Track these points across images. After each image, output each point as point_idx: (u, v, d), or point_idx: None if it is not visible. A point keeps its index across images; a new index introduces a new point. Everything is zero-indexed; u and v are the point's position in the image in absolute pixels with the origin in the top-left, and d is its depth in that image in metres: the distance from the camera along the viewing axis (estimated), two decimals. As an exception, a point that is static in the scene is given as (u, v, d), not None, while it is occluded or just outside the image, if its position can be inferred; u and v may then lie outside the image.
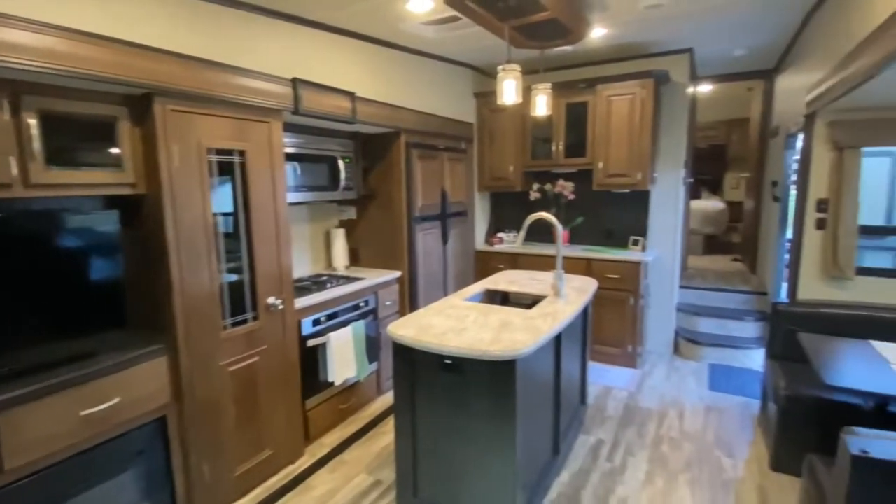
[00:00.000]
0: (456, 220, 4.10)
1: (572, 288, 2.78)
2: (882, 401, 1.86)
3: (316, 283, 3.06)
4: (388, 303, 3.42)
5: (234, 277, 2.32)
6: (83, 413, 1.74)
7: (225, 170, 2.25)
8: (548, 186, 4.39)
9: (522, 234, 2.65)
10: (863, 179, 2.67)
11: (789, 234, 3.83)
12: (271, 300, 2.44)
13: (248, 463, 2.40)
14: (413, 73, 3.59)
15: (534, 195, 4.42)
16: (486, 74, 4.55)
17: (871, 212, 2.83)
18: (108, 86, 1.80)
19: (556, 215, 4.48)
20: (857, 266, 2.74)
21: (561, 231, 2.58)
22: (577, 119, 4.11)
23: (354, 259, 3.74)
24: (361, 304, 3.16)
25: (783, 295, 3.87)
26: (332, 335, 2.84)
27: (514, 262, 4.35)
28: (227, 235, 2.28)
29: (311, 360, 2.81)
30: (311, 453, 2.77)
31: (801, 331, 2.72)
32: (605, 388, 3.61)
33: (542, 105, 2.77)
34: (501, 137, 4.40)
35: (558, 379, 2.41)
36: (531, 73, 4.39)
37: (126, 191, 1.95)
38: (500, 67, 2.36)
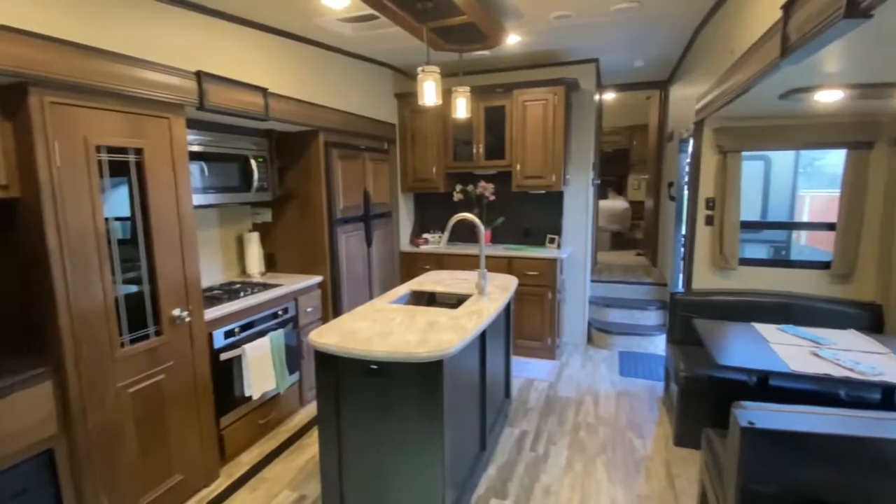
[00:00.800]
0: (380, 222, 4.04)
1: (495, 286, 2.85)
2: (764, 376, 2.12)
3: (228, 292, 2.87)
4: (309, 309, 3.29)
5: (132, 289, 2.10)
6: (-59, 456, 1.48)
7: (119, 170, 2.02)
8: (470, 187, 4.47)
9: (447, 234, 2.67)
10: (743, 180, 3.02)
11: (684, 230, 4.24)
12: (177, 312, 2.24)
13: (155, 491, 2.18)
14: (332, 72, 3.49)
15: (457, 196, 4.49)
16: (406, 75, 4.54)
17: (749, 209, 3.20)
18: (-34, 71, 1.54)
19: (479, 216, 4.59)
20: (740, 257, 3.10)
21: (484, 231, 2.64)
22: (495, 122, 4.24)
23: (271, 265, 3.56)
24: (280, 312, 3.00)
25: (680, 285, 4.27)
26: (248, 346, 2.67)
27: (440, 262, 4.38)
28: (123, 242, 2.06)
29: (226, 375, 2.62)
30: (228, 473, 2.59)
31: (696, 317, 3.02)
32: (527, 381, 3.75)
33: (462, 108, 2.82)
34: (424, 139, 4.42)
35: (484, 376, 2.47)
36: (451, 76, 4.45)
37: (-7, 194, 1.69)
38: (419, 69, 2.36)
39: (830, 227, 2.95)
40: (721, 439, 1.90)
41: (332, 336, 1.94)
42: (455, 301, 2.76)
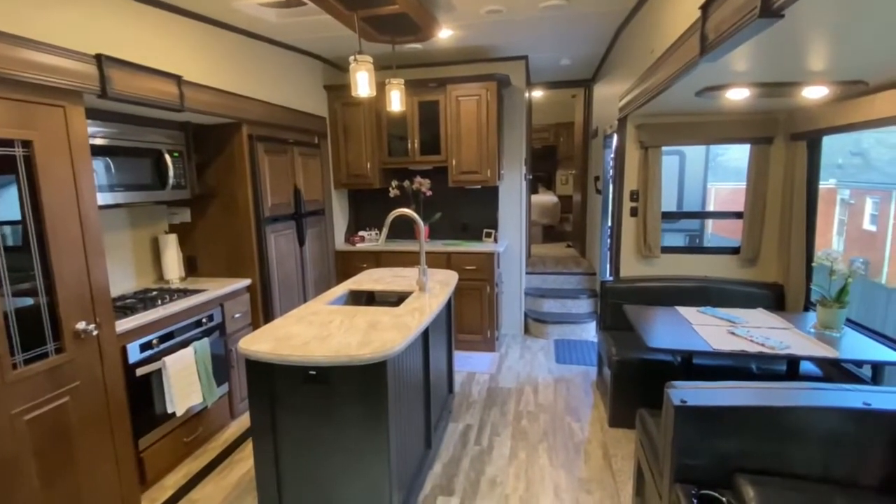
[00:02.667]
0: (313, 220, 3.87)
1: (436, 282, 2.82)
2: (688, 356, 2.27)
3: (144, 300, 2.60)
4: (237, 315, 3.08)
5: (27, 301, 1.84)
6: None
7: (5, 166, 1.75)
8: (406, 183, 4.41)
9: (385, 231, 2.60)
10: (663, 174, 3.22)
11: (610, 222, 4.46)
12: (82, 325, 1.99)
13: (61, 530, 1.93)
14: (257, 61, 3.27)
15: (393, 192, 4.41)
16: (337, 67, 4.38)
17: (668, 201, 3.42)
18: None
19: (416, 212, 4.54)
20: (662, 246, 3.30)
21: (422, 227, 2.60)
22: (430, 117, 4.20)
23: (192, 269, 3.29)
24: (204, 320, 2.78)
25: (608, 274, 4.50)
26: (169, 359, 2.44)
27: (377, 260, 4.28)
28: (13, 250, 1.79)
29: (144, 391, 2.38)
30: (151, 499, 2.36)
31: (625, 304, 3.18)
32: (469, 374, 3.77)
33: (396, 100, 2.75)
34: (356, 133, 4.28)
35: (428, 374, 2.43)
36: (384, 69, 4.36)
37: None
38: (351, 57, 2.26)
39: (739, 215, 3.22)
40: (654, 419, 2.00)
41: (265, 343, 1.81)
42: (396, 299, 2.69)
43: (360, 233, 4.64)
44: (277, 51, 3.52)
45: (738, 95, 2.26)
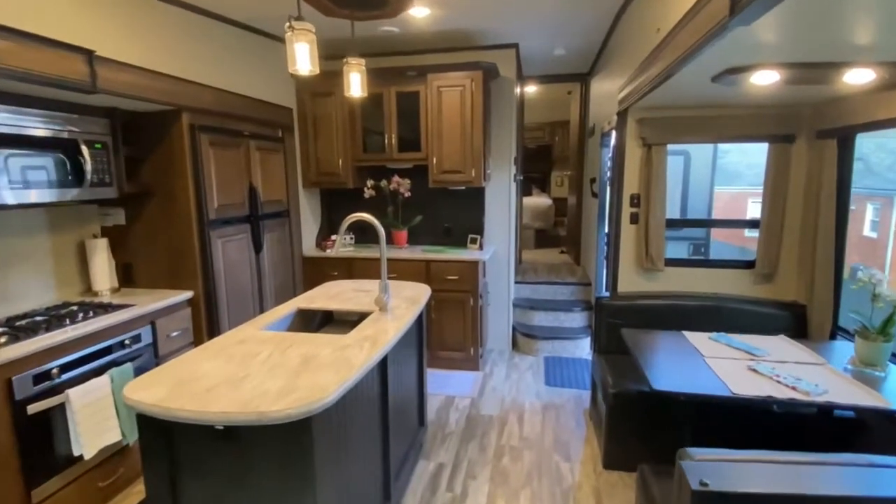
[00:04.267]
0: (273, 223, 3.44)
1: (403, 298, 2.41)
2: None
3: (51, 319, 2.17)
4: (174, 333, 2.65)
5: None
6: None
7: None
8: (383, 183, 3.99)
9: (340, 238, 2.19)
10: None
11: (607, 228, 4.05)
12: (-64, 358, 1.56)
13: None
14: (204, 41, 2.84)
15: (368, 193, 3.99)
16: (304, 53, 3.95)
17: (671, 207, 3.02)
18: None
19: (394, 214, 4.14)
20: (665, 258, 2.89)
21: (384, 234, 2.18)
22: (409, 110, 3.79)
23: (128, 278, 2.86)
24: (128, 342, 2.35)
25: (605, 288, 4.09)
26: (74, 392, 2.02)
27: (349, 268, 3.86)
28: None
29: (41, 432, 1.96)
30: (44, 565, 1.93)
31: (622, 323, 2.78)
32: (447, 399, 3.35)
33: (356, 84, 2.33)
34: (328, 127, 3.86)
35: (386, 411, 2.02)
36: (362, 56, 3.94)
37: None
38: (286, 24, 1.84)
39: (754, 224, 2.82)
40: (659, 482, 1.59)
41: (159, 388, 1.39)
42: (357, 318, 2.28)
43: (334, 237, 4.22)
44: (232, 30, 3.10)
45: (765, 80, 1.85)
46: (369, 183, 3.98)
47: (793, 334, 2.53)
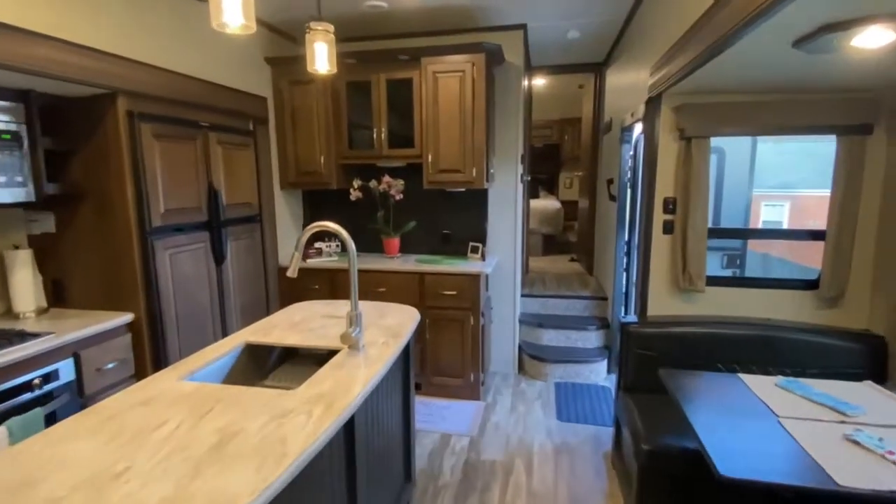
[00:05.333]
0: (240, 230, 2.96)
1: (382, 330, 1.91)
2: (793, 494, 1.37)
3: (-73, 356, 1.69)
4: (108, 366, 2.17)
5: None
6: None
7: None
8: (372, 184, 3.50)
9: (295, 260, 1.69)
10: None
11: (627, 236, 3.55)
12: None
13: None
14: (150, 10, 2.36)
15: (354, 194, 3.50)
16: (284, 35, 3.47)
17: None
18: None
19: (385, 219, 3.65)
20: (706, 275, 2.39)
21: (353, 250, 1.69)
22: (401, 100, 3.31)
23: (59, 296, 2.38)
24: (38, 381, 1.87)
25: (631, 308, 3.59)
26: (-57, 456, 1.53)
27: (332, 281, 3.37)
28: None
29: None
30: None
31: (655, 356, 2.28)
32: (442, 438, 2.85)
33: (322, 56, 1.84)
34: (308, 119, 3.38)
35: (354, 484, 1.52)
36: (349, 40, 3.47)
37: None
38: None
39: (817, 235, 2.31)
40: None
41: (-23, 497, 0.90)
42: (326, 353, 1.79)
43: (317, 244, 3.73)
44: (196, 5, 2.61)
45: (873, 41, 1.35)
46: (356, 183, 3.49)
47: (867, 373, 2.03)
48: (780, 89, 2.14)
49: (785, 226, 6.59)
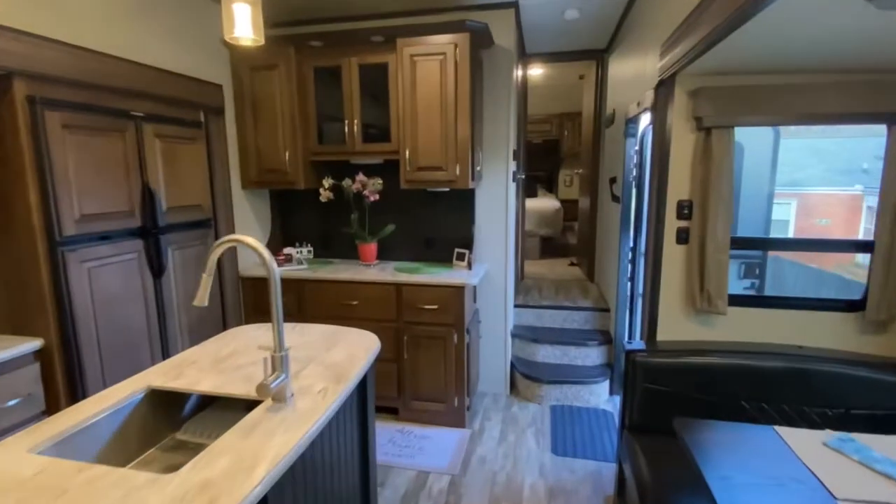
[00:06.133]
0: (188, 236, 2.58)
1: (325, 368, 1.53)
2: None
3: None
4: (10, 403, 1.79)
5: None
6: None
7: None
8: (345, 182, 3.12)
9: (204, 284, 1.30)
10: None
11: (632, 241, 3.16)
12: None
13: None
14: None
15: (324, 195, 3.11)
16: (244, 16, 3.08)
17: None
18: None
19: (360, 222, 3.28)
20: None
21: (276, 270, 1.30)
22: (376, 88, 2.93)
23: (-43, 317, 2.01)
24: None
25: (626, 314, 3.20)
26: None
27: (300, 292, 2.99)
28: None
29: None
30: None
31: (666, 391, 1.90)
32: (418, 478, 2.47)
33: (242, 20, 1.45)
34: (271, 110, 2.99)
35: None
36: (315, 21, 3.09)
37: None
38: None
39: (864, 247, 1.91)
40: None
41: None
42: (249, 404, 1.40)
43: (287, 250, 3.35)
44: (120, -28, 2.23)
45: None
46: (325, 183, 3.10)
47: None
48: (821, 68, 1.75)
49: (792, 226, 6.24)
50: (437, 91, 2.75)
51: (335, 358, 1.60)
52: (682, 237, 2.01)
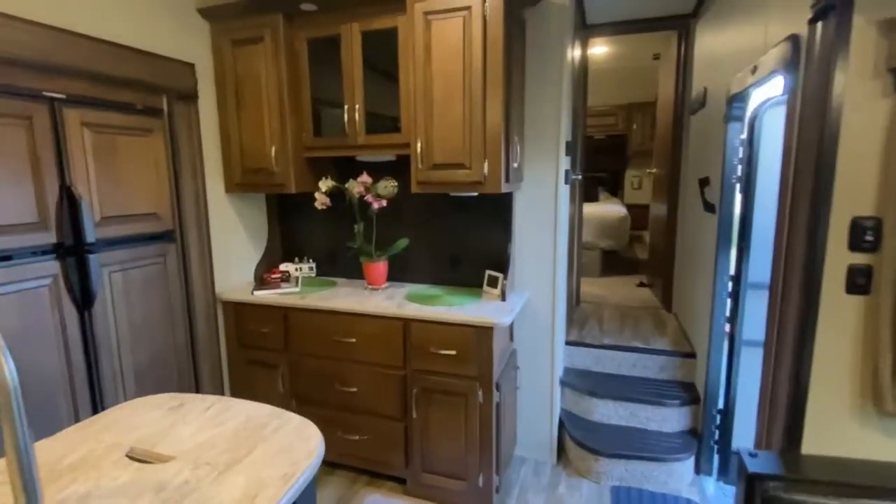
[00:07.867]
0: (135, 254, 2.02)
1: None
2: None
3: None
4: None
5: None
6: None
7: None
8: (350, 183, 2.47)
9: None
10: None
11: (736, 265, 2.27)
12: None
13: None
14: None
15: (320, 200, 2.48)
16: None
17: None
18: None
19: (365, 235, 2.62)
20: None
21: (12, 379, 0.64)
22: (382, 62, 2.26)
23: None
24: None
25: (723, 368, 2.31)
26: None
27: (286, 322, 2.37)
28: None
29: None
30: None
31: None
32: None
33: None
34: (255, 94, 2.39)
35: None
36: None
37: None
38: None
39: None
40: None
41: None
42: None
43: (284, 266, 2.78)
44: None
45: None
46: (321, 186, 2.46)
47: None
48: None
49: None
50: (459, 61, 2.02)
51: (228, 492, 0.91)
52: (860, 283, 1.14)
